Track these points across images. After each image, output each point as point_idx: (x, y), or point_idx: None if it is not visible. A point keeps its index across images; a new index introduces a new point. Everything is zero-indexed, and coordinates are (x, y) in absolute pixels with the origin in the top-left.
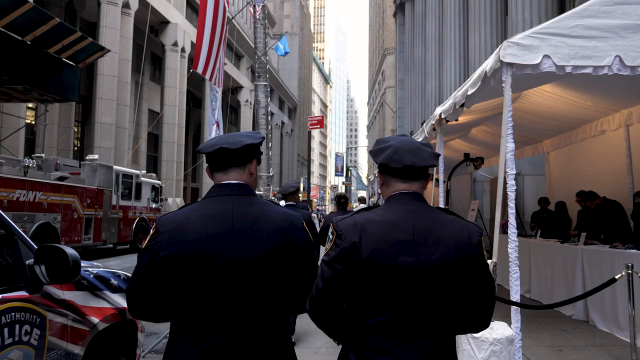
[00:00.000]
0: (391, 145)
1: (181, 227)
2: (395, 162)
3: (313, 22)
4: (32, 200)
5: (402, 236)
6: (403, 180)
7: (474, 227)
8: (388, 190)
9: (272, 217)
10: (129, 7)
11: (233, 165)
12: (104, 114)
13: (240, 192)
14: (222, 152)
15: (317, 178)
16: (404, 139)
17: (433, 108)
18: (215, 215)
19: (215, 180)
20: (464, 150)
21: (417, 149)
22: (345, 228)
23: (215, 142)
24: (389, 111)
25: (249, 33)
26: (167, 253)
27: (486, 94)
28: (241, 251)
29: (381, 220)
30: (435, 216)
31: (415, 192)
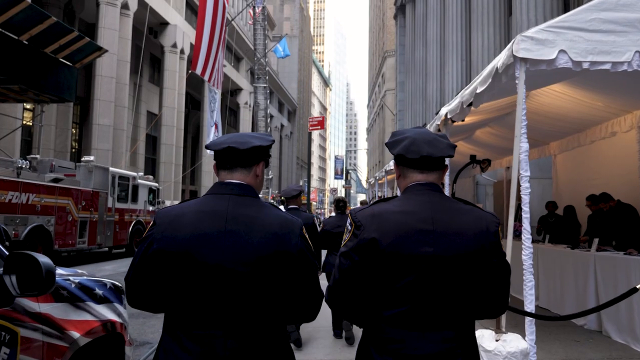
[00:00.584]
0: (408, 137)
1: (175, 221)
2: (413, 153)
3: (313, 25)
4: (25, 202)
5: (421, 226)
6: (420, 171)
7: (491, 216)
8: (405, 181)
9: (268, 221)
10: (128, 8)
11: (239, 165)
12: (101, 115)
13: (240, 192)
14: (230, 151)
15: (316, 181)
16: (420, 130)
17: (434, 110)
18: (210, 212)
19: (219, 177)
20: (468, 153)
21: (433, 140)
22: (364, 218)
23: (224, 140)
24: (389, 114)
25: (248, 35)
26: (158, 246)
27: (496, 92)
28: (229, 253)
29: (400, 211)
30: (454, 206)
31: (432, 183)
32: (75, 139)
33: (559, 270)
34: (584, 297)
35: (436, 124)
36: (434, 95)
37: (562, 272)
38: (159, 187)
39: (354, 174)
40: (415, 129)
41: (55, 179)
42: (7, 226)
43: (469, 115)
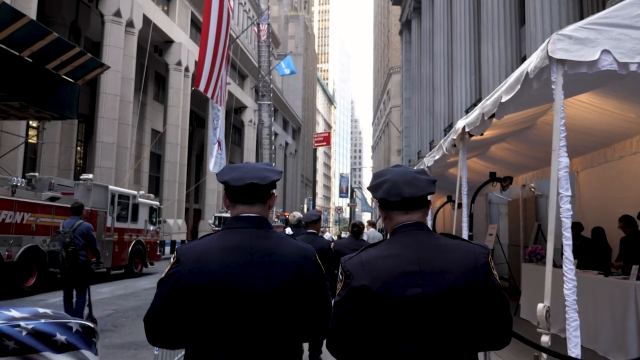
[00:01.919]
0: (388, 179)
1: (202, 257)
2: (394, 196)
3: (317, 43)
4: (19, 221)
5: (408, 267)
6: (404, 212)
7: (479, 248)
8: (391, 223)
9: (287, 251)
10: (133, 26)
11: (259, 200)
12: (105, 133)
13: (258, 225)
14: (252, 187)
15: (320, 199)
16: (399, 170)
17: (442, 126)
18: (235, 247)
19: (235, 211)
20: (482, 170)
21: (413, 180)
22: (353, 267)
23: (242, 175)
24: (394, 131)
25: (253, 53)
26: (189, 282)
27: (525, 100)
28: (259, 283)
29: (387, 255)
30: (440, 243)
31: (417, 222)
32: (80, 157)
33: (591, 300)
34: (622, 332)
35: (452, 138)
36: (442, 110)
37: (595, 302)
38: (160, 205)
39: (359, 192)
40: (394, 169)
41: (52, 198)
42: (0, 247)
43: (487, 129)
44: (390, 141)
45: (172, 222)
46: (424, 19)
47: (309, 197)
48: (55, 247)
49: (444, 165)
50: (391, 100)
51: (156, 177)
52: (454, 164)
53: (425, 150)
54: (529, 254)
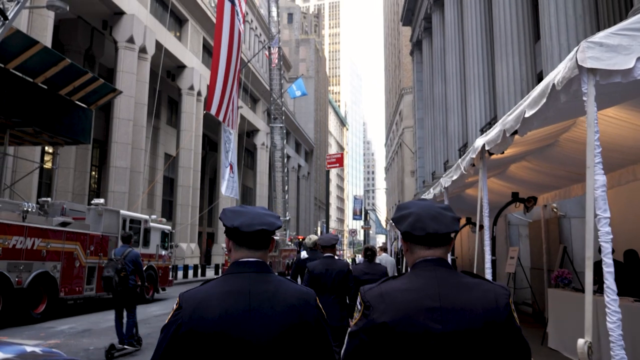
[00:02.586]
0: (412, 212)
1: (203, 304)
2: (419, 230)
3: (328, 66)
4: (30, 247)
5: (429, 303)
6: (427, 247)
7: (501, 289)
8: (412, 256)
9: (287, 295)
10: (146, 52)
11: (264, 246)
12: (118, 157)
13: (258, 269)
14: (262, 233)
15: (334, 222)
16: (424, 204)
17: (457, 146)
18: (234, 292)
19: (237, 254)
20: (501, 191)
21: (438, 215)
22: (373, 299)
23: (251, 221)
24: (407, 152)
25: (265, 77)
26: (189, 329)
27: (552, 115)
28: (258, 329)
29: (407, 289)
30: (461, 281)
31: (439, 258)
32: (95, 182)
33: (628, 330)
34: None
35: (470, 157)
36: (456, 130)
37: (633, 332)
38: (172, 230)
39: (373, 214)
40: (420, 202)
41: (63, 223)
42: (10, 273)
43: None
44: (404, 162)
45: (185, 246)
46: (435, 39)
47: (323, 219)
48: (109, 273)
49: (462, 186)
50: (403, 121)
51: (169, 201)
52: (472, 184)
53: (440, 170)
54: (555, 278)
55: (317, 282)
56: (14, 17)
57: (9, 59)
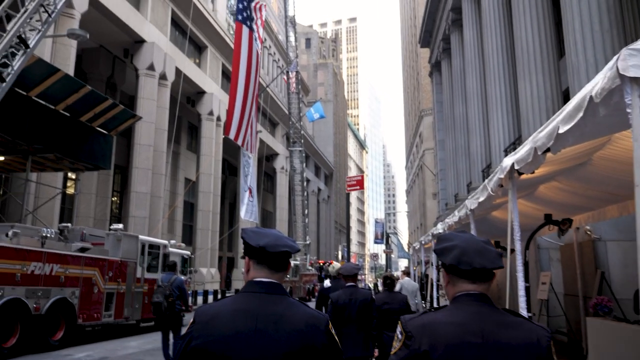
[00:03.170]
0: (457, 245)
1: (213, 320)
2: (464, 264)
3: (347, 90)
4: (48, 273)
5: (471, 339)
6: (471, 281)
7: (542, 330)
8: (454, 289)
9: (295, 319)
10: (166, 79)
11: (284, 268)
12: (139, 183)
13: (271, 290)
14: (285, 255)
15: (355, 246)
16: (468, 237)
17: (480, 167)
18: (243, 311)
19: (255, 273)
20: (528, 212)
21: (483, 250)
22: (415, 329)
23: (275, 242)
24: (429, 174)
25: (283, 101)
26: (197, 344)
27: (589, 129)
28: (261, 351)
29: (450, 322)
30: (503, 319)
31: (481, 294)
32: (117, 207)
33: None
34: None
35: (498, 177)
36: (479, 151)
37: None
38: (191, 255)
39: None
40: (462, 235)
41: (82, 249)
42: (28, 299)
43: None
44: (425, 185)
45: (205, 271)
46: (455, 59)
47: (344, 243)
48: (158, 299)
49: (489, 208)
50: (424, 143)
51: (189, 226)
52: (498, 206)
53: (463, 192)
54: (594, 306)
55: (341, 312)
56: (35, 45)
57: (31, 87)
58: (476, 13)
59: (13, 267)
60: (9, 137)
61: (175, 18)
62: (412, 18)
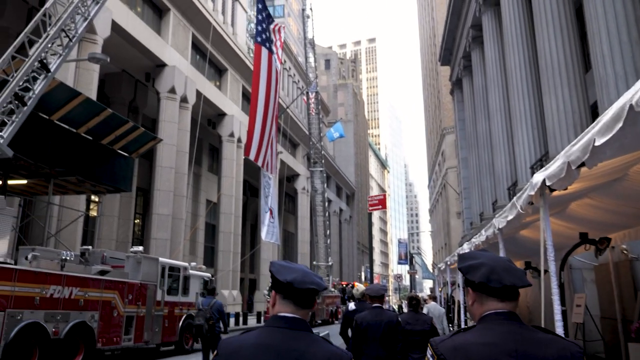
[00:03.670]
0: (484, 263)
1: (234, 354)
2: (495, 282)
3: (367, 109)
4: (67, 296)
5: (505, 359)
6: (500, 299)
7: (575, 346)
8: (481, 308)
9: (317, 356)
10: (187, 101)
11: (310, 306)
12: (161, 205)
13: (294, 326)
14: (312, 292)
15: (378, 266)
16: (492, 256)
17: (505, 185)
18: (265, 346)
19: (280, 308)
20: (559, 231)
21: (510, 268)
22: (447, 351)
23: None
24: (452, 193)
25: (304, 122)
26: None
27: (629, 141)
28: None
29: (481, 343)
30: (536, 337)
31: (510, 312)
32: (139, 229)
33: None
34: None
35: (528, 194)
36: (504, 169)
37: None
38: (212, 277)
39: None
40: (486, 254)
41: (102, 271)
42: (47, 323)
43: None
44: (449, 204)
45: (227, 293)
46: (476, 76)
47: (366, 264)
48: (200, 322)
49: (517, 227)
50: (446, 162)
51: (211, 248)
52: (527, 224)
53: (488, 211)
54: (636, 331)
55: (365, 334)
56: (56, 69)
57: (53, 111)
58: (497, 29)
59: (32, 290)
60: (31, 161)
61: (195, 42)
62: (432, 37)
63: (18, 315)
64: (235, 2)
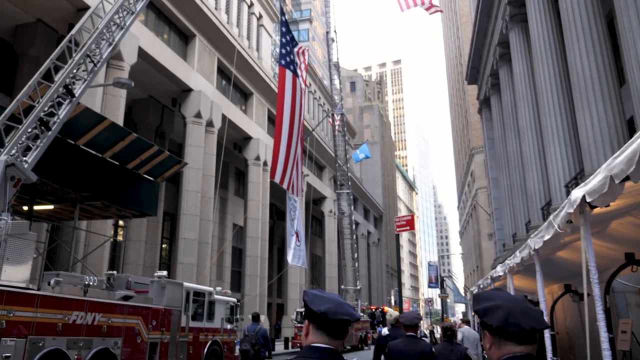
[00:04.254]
0: (501, 305)
1: None
2: (513, 326)
3: (394, 131)
4: (90, 323)
5: None
6: (518, 343)
7: None
8: (500, 352)
9: None
10: (213, 126)
11: (342, 336)
12: (187, 229)
13: (326, 357)
14: (344, 323)
15: (408, 290)
16: (508, 296)
17: (539, 205)
18: None
19: (313, 338)
20: (599, 251)
21: (528, 310)
22: None
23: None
24: (483, 214)
25: (330, 144)
26: None
27: None
28: None
29: None
30: None
31: (529, 354)
32: (166, 254)
33: None
34: None
35: (566, 212)
36: (536, 188)
37: None
38: (237, 302)
39: (450, 281)
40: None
41: (125, 297)
42: (69, 350)
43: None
44: (480, 225)
45: None
46: (504, 94)
47: (396, 288)
48: (246, 347)
49: (555, 247)
50: (476, 182)
51: (238, 272)
52: (564, 245)
53: (521, 232)
54: None
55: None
56: (81, 94)
57: (79, 136)
58: (525, 45)
59: (54, 316)
60: (57, 186)
61: (221, 67)
62: (458, 56)
63: (40, 342)
64: (260, 27)
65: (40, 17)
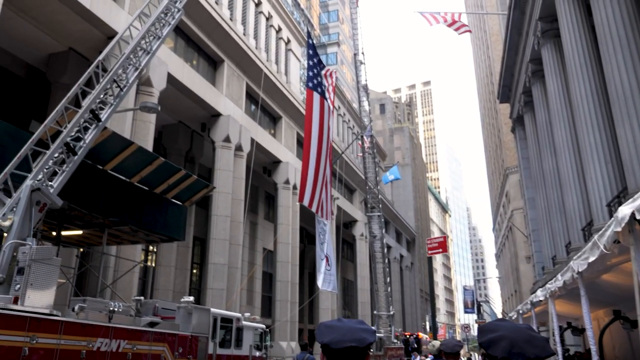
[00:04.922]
0: (504, 336)
1: None
2: (517, 356)
3: (425, 152)
4: (115, 350)
5: None
6: None
7: None
8: None
9: None
10: (242, 150)
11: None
12: (217, 254)
13: None
14: (351, 350)
15: (443, 315)
16: (511, 326)
17: (579, 225)
18: None
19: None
20: None
21: (531, 339)
22: None
23: (341, 338)
24: (520, 236)
25: (359, 167)
26: None
27: None
28: None
29: None
30: None
31: None
32: (197, 279)
33: None
34: None
35: (613, 231)
36: (576, 208)
37: None
38: (265, 328)
39: (487, 306)
40: (505, 324)
41: (151, 323)
42: None
43: None
44: (516, 247)
45: (285, 345)
46: (538, 112)
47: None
48: None
49: (600, 270)
50: (511, 203)
51: (268, 297)
52: (610, 267)
53: (561, 254)
54: None
55: None
56: (107, 119)
57: (106, 161)
58: (558, 61)
59: (78, 343)
60: (85, 211)
61: (249, 91)
62: (488, 75)
63: None
64: (288, 52)
65: (72, 45)
